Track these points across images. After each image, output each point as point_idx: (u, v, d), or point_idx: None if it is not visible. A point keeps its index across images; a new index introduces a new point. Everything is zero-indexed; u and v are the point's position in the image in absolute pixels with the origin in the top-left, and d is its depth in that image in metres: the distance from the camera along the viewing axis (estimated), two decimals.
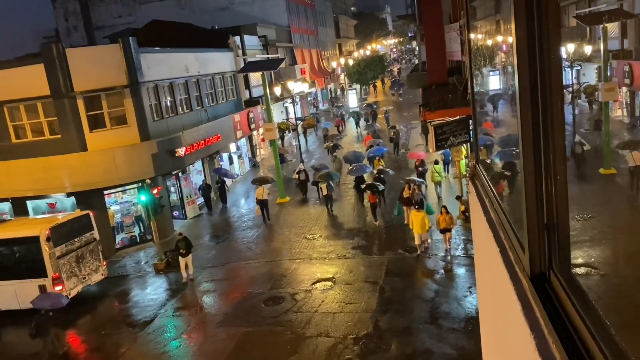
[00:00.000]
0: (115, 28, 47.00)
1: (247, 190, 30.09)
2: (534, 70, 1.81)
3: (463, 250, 18.19)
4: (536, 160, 1.86)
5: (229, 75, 34.48)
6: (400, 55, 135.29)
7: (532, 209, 1.89)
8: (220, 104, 32.54)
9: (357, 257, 18.82)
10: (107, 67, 22.31)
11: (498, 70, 29.68)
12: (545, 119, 1.81)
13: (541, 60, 1.79)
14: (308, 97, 57.34)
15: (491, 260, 2.66)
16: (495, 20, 33.98)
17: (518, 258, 2.16)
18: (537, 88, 1.82)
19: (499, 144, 10.94)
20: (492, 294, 2.87)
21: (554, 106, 1.78)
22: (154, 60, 24.70)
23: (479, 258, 3.96)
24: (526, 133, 1.88)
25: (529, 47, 1.81)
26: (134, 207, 23.97)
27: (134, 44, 22.72)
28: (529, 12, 1.79)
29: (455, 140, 17.79)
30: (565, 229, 1.83)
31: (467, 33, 5.58)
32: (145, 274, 20.21)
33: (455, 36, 21.55)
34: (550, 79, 1.77)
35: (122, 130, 22.83)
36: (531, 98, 1.84)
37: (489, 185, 3.32)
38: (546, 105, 1.80)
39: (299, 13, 57.57)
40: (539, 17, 1.76)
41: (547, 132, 1.81)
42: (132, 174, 22.54)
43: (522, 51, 1.83)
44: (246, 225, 24.28)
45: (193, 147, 25.82)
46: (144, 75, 23.40)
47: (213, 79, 31.82)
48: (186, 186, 26.25)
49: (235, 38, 36.09)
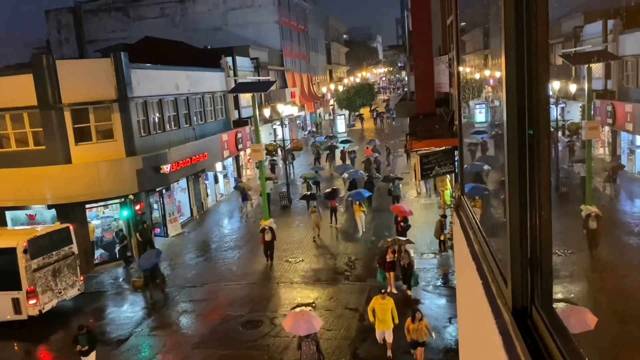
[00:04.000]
0: (107, 42, 47.01)
1: (231, 210, 29.92)
2: (522, 105, 1.84)
3: (444, 280, 18.16)
4: (521, 195, 1.87)
5: (219, 94, 34.57)
6: (389, 84, 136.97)
7: (516, 243, 1.90)
8: (209, 123, 32.53)
9: (339, 283, 18.69)
10: (96, 80, 22.24)
11: (485, 104, 30.18)
12: (532, 153, 1.83)
13: (529, 96, 1.81)
14: (297, 121, 57.61)
15: (473, 293, 2.65)
16: (484, 54, 34.65)
17: (500, 291, 2.15)
18: (524, 123, 1.84)
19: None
20: (473, 327, 2.85)
21: (541, 141, 1.80)
22: (144, 76, 24.68)
23: (460, 289, 3.95)
24: (512, 167, 1.89)
25: (517, 82, 1.84)
26: (115, 222, 23.67)
27: (125, 59, 22.72)
28: (519, 48, 1.82)
29: (441, 170, 17.93)
30: (548, 264, 1.84)
31: (456, 66, 5.67)
32: (123, 291, 19.87)
33: (444, 68, 21.92)
34: (537, 115, 1.80)
35: (108, 144, 22.66)
36: (518, 132, 1.86)
37: (473, 217, 3.33)
38: (533, 140, 1.82)
39: (292, 38, 58.23)
40: (528, 53, 1.79)
41: (533, 167, 1.83)
42: (116, 188, 22.31)
43: (510, 86, 1.86)
44: (228, 245, 24.06)
45: (179, 164, 25.69)
46: (134, 90, 23.35)
47: (203, 97, 31.87)
48: (169, 203, 26.05)
49: (228, 59, 36.30)
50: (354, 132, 59.20)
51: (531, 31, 1.76)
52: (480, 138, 14.96)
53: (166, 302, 18.44)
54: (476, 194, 7.09)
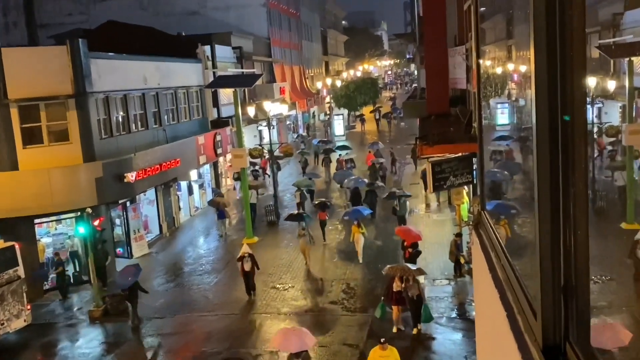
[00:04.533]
0: (63, 27, 47.01)
1: (208, 226, 29.85)
2: (554, 106, 1.85)
3: (460, 311, 18.15)
4: (553, 211, 1.88)
5: (195, 90, 34.59)
6: (395, 79, 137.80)
7: (547, 268, 1.90)
8: (183, 123, 32.52)
9: (335, 314, 18.64)
10: (50, 72, 22.22)
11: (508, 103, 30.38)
12: (566, 162, 1.83)
13: (563, 94, 1.82)
14: (287, 121, 57.73)
15: (496, 326, 2.65)
16: (508, 45, 34.91)
17: (529, 325, 2.15)
18: (557, 126, 1.85)
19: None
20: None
21: (576, 148, 1.80)
22: (106, 67, 24.68)
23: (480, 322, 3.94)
24: (543, 178, 1.90)
25: (549, 78, 1.85)
26: (69, 240, 23.52)
27: (83, 47, 22.72)
28: (550, 38, 1.83)
29: (456, 180, 17.99)
30: (585, 293, 1.84)
31: (475, 58, 5.71)
32: (78, 323, 19.71)
33: (460, 61, 22.04)
34: (572, 115, 1.81)
35: (63, 147, 22.60)
36: (550, 137, 1.87)
37: (496, 237, 3.34)
38: (567, 146, 1.82)
39: (282, 24, 58.52)
40: (561, 44, 1.80)
41: (568, 177, 1.83)
42: (71, 200, 22.21)
43: (541, 83, 1.87)
44: (204, 269, 23.98)
45: (146, 171, 25.64)
46: (94, 84, 23.34)
47: (176, 93, 31.88)
48: (134, 218, 25.95)
49: (205, 48, 36.38)
50: (354, 135, 59.38)
51: (565, 18, 1.78)
52: (506, 144, 14.98)
53: (132, 334, 18.31)
54: (502, 212, 7.03)
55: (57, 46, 23.82)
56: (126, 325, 18.80)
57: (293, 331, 13.39)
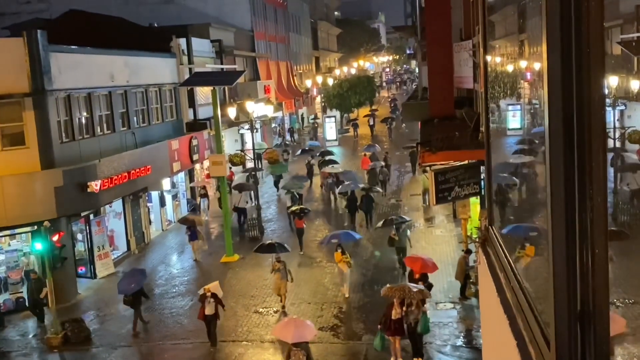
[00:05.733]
0: (19, 17, 46.92)
1: (181, 242, 29.73)
2: (569, 108, 1.85)
3: (466, 339, 18.16)
4: (569, 227, 1.88)
5: (169, 88, 34.58)
6: (394, 77, 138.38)
7: (561, 291, 1.89)
8: (154, 126, 32.46)
9: (325, 342, 18.58)
10: (3, 67, 22.15)
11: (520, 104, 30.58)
12: (582, 171, 1.83)
13: (579, 95, 1.82)
14: (272, 124, 57.78)
15: (505, 357, 2.64)
16: (519, 40, 35.16)
17: (541, 355, 2.15)
18: (572, 130, 1.85)
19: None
20: None
21: (594, 155, 1.81)
22: (68, 62, 24.65)
23: (488, 351, 3.94)
24: (556, 190, 1.90)
25: (563, 77, 1.85)
26: (24, 258, 23.37)
27: (42, 39, 22.68)
28: (565, 33, 1.83)
29: (462, 191, 18.03)
30: (605, 320, 1.84)
31: (483, 54, 5.74)
32: (34, 351, 19.58)
33: (466, 58, 22.17)
34: (589, 120, 1.81)
35: (17, 152, 22.51)
36: (564, 143, 1.87)
37: (505, 255, 3.34)
38: (584, 153, 1.83)
39: (267, 15, 58.68)
40: (577, 39, 1.81)
41: (584, 188, 1.83)
42: (26, 212, 22.09)
43: (554, 83, 1.87)
44: (177, 290, 23.88)
45: (112, 180, 25.56)
46: (54, 81, 23.29)
47: (146, 91, 31.84)
48: (99, 233, 25.83)
49: (180, 40, 36.40)
50: (347, 140, 59.31)
51: (581, 10, 1.78)
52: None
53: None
54: (523, 236, 6.64)
55: (12, 38, 23.79)
56: (89, 353, 18.67)
57: (294, 322, 15.08)
